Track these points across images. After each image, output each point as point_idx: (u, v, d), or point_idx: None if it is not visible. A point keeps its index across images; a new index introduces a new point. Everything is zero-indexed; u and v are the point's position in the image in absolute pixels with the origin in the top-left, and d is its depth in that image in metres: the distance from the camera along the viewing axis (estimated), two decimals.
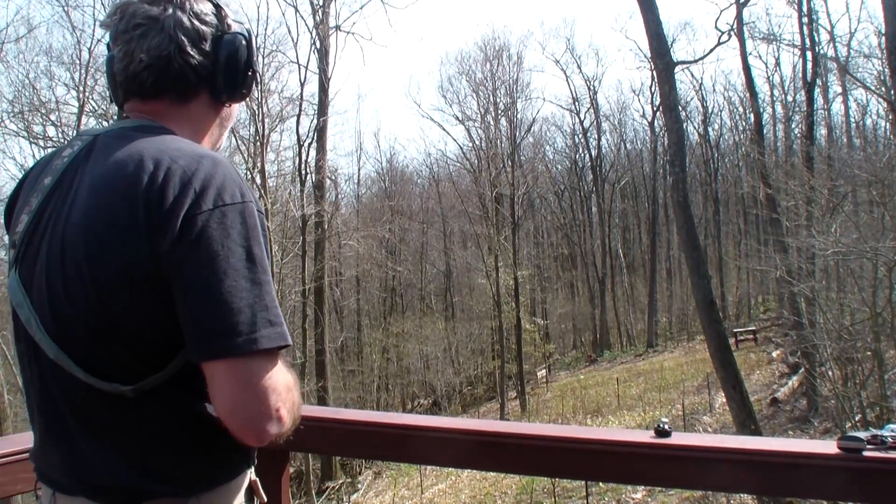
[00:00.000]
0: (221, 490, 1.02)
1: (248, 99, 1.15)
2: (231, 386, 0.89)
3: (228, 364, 0.89)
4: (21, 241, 1.00)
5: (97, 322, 0.92)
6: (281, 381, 0.93)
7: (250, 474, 1.09)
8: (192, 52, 1.03)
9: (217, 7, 1.07)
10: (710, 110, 39.92)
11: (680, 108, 19.56)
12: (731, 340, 18.23)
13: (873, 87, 18.83)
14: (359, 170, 37.88)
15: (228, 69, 1.06)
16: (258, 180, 20.00)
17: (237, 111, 1.18)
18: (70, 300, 0.93)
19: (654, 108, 35.69)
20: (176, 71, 1.02)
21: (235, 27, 1.09)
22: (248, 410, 0.90)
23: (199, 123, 1.10)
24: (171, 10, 1.02)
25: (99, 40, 16.06)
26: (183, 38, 1.02)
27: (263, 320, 0.90)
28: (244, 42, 1.08)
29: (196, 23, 1.03)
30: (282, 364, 0.95)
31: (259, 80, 1.10)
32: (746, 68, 20.56)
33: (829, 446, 1.24)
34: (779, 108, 30.58)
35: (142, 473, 0.96)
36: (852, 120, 28.26)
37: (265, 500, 1.12)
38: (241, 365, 0.89)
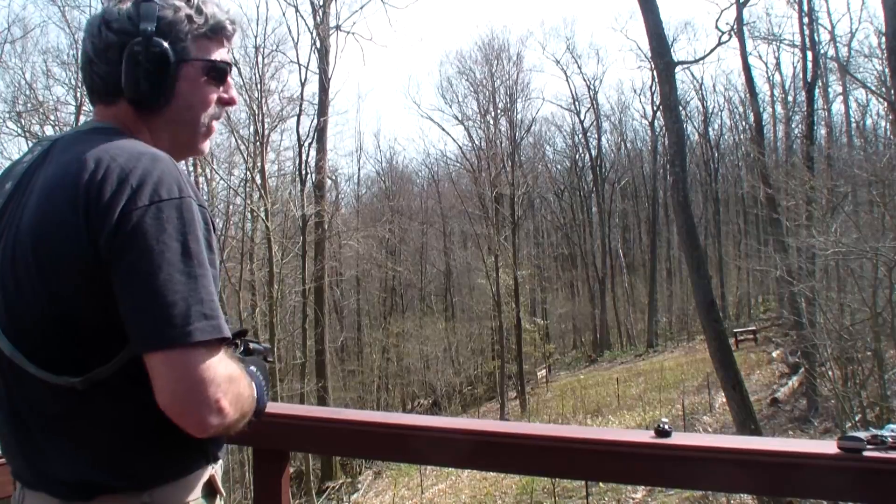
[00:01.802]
0: (177, 484, 1.04)
1: (166, 103, 1.10)
2: (168, 377, 0.92)
3: (165, 356, 0.92)
4: None
5: (44, 315, 0.96)
6: (221, 373, 0.95)
7: (211, 469, 1.10)
8: (97, 62, 1.07)
9: (135, 12, 1.05)
10: (710, 110, 40.00)
11: (680, 107, 19.58)
12: (731, 340, 18.25)
13: (873, 87, 18.82)
14: (359, 170, 37.92)
15: (127, 77, 1.05)
16: (258, 180, 20.02)
17: (188, 117, 1.13)
18: (21, 296, 0.97)
19: (655, 108, 35.70)
20: (92, 82, 1.09)
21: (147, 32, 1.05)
22: (186, 401, 0.92)
23: (133, 129, 1.10)
24: (96, 23, 1.07)
25: None
26: (90, 51, 1.07)
27: (198, 313, 0.93)
28: (139, 49, 1.04)
29: (106, 32, 1.06)
30: (225, 356, 0.97)
31: (172, 91, 1.10)
32: (747, 68, 20.61)
33: (829, 446, 1.24)
34: (779, 108, 30.56)
35: (96, 467, 0.99)
36: (852, 120, 28.26)
37: (223, 493, 1.12)
38: (176, 356, 0.91)
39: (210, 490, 1.09)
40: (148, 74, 1.05)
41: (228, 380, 0.96)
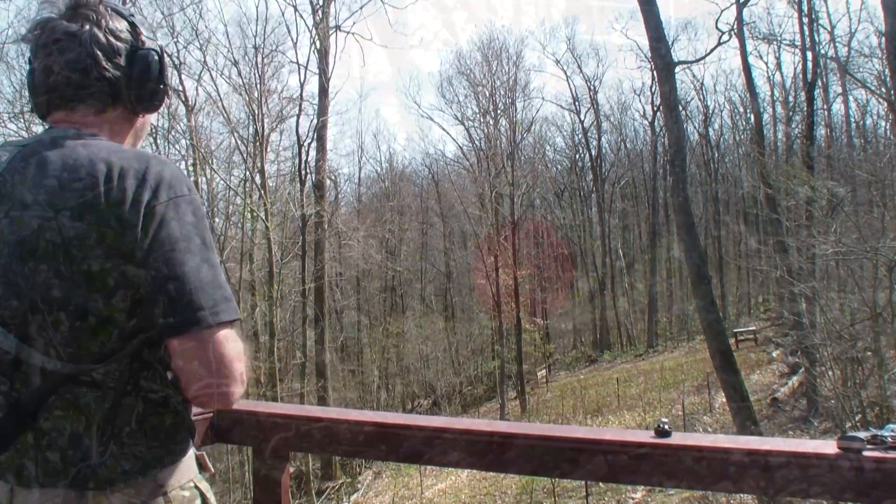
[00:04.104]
0: (181, 464, 1.11)
1: (162, 110, 1.26)
2: (202, 357, 1.02)
3: (197, 337, 1.01)
4: None
5: (62, 308, 0.99)
6: (239, 348, 1.07)
7: (193, 448, 1.18)
8: (106, 66, 1.11)
9: (132, 25, 1.16)
10: (710, 110, 39.96)
11: (680, 107, 19.60)
12: (731, 340, 18.25)
13: (873, 87, 18.83)
14: (359, 170, 37.93)
15: (141, 82, 1.15)
16: (258, 180, 20.01)
17: (150, 122, 1.28)
18: (33, 291, 1.00)
19: (655, 108, 35.70)
20: (92, 83, 1.11)
21: (149, 44, 1.17)
22: (218, 377, 1.03)
23: (117, 132, 1.17)
24: (87, 27, 1.10)
25: None
26: (98, 52, 1.10)
27: (221, 296, 1.03)
28: (156, 57, 1.17)
29: (111, 38, 1.12)
30: (235, 334, 1.07)
31: (169, 94, 1.23)
32: (747, 68, 20.61)
33: (829, 446, 1.24)
34: (779, 108, 30.53)
35: (111, 456, 1.03)
36: (852, 120, 28.32)
37: (213, 471, 1.21)
38: (208, 336, 1.02)
39: (200, 466, 1.18)
40: (158, 79, 1.17)
41: (243, 353, 1.08)
